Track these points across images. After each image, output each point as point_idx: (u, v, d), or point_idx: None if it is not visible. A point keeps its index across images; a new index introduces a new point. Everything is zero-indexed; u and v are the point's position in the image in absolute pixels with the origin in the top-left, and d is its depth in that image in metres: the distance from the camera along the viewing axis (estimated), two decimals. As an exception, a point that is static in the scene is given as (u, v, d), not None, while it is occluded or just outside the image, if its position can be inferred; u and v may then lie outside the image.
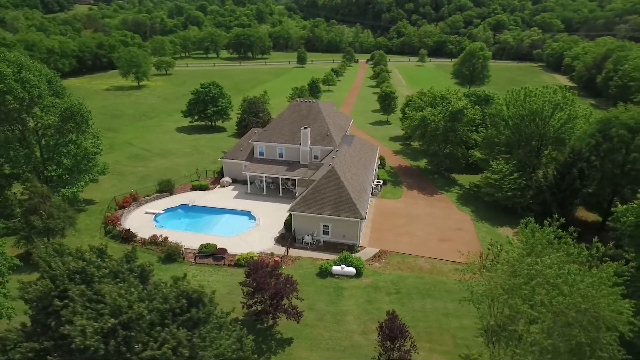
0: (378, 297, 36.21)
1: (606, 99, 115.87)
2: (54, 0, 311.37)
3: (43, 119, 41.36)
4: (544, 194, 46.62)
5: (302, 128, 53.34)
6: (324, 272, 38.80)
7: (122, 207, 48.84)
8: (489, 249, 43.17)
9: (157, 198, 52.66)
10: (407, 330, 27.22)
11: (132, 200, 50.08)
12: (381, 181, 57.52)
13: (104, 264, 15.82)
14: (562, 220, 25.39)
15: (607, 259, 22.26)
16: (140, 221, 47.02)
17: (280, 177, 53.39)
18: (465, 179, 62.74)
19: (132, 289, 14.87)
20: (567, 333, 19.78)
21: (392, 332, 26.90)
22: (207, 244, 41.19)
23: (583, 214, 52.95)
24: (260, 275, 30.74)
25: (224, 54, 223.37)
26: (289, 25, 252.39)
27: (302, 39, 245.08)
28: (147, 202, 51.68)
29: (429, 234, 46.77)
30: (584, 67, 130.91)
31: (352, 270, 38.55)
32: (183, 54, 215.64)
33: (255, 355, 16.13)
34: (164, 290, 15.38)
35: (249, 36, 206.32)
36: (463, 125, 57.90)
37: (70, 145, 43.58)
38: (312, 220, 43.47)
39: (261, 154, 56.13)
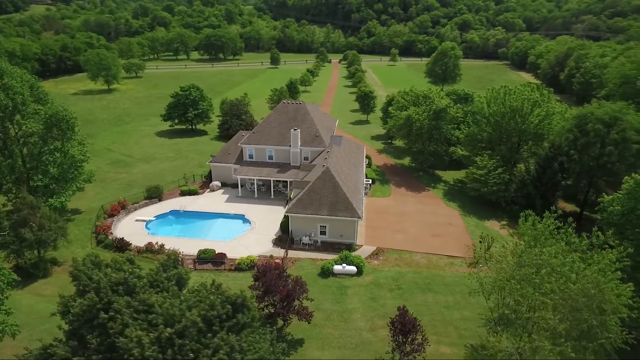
0: (381, 294, 37.03)
1: (570, 95, 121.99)
2: (8, 0, 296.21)
3: (27, 126, 39.67)
4: (527, 187, 48.93)
5: (292, 130, 53.55)
6: (326, 272, 39.28)
7: (111, 215, 47.51)
8: (480, 242, 45.10)
9: (146, 205, 51.53)
10: (419, 324, 28.10)
11: (120, 208, 48.80)
12: (370, 180, 58.50)
13: (144, 274, 15.64)
14: (560, 211, 27.00)
15: (606, 246, 23.85)
16: (131, 229, 45.89)
17: (271, 179, 53.38)
18: (449, 175, 64.74)
19: (178, 298, 14.80)
20: (578, 317, 21.14)
21: (405, 326, 27.69)
22: (206, 250, 40.78)
23: (561, 204, 55.80)
24: (270, 278, 30.85)
25: (195, 55, 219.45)
26: (259, 25, 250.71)
27: (274, 39, 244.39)
28: (136, 209, 50.47)
29: (421, 230, 48.09)
30: (548, 65, 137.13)
31: (353, 269, 39.21)
32: (152, 56, 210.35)
33: (286, 357, 16.34)
34: (211, 297, 15.38)
35: (220, 37, 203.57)
36: (446, 123, 59.73)
37: (55, 153, 41.97)
38: (309, 221, 43.82)
39: (250, 156, 55.90)
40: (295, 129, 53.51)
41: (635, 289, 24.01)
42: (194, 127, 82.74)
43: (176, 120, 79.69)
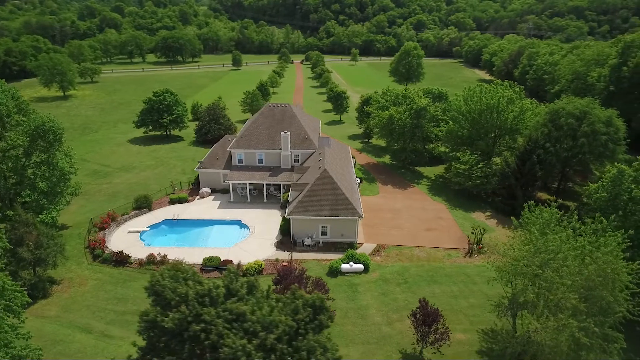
0: (390, 289, 38.43)
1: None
2: None
3: (11, 139, 37.33)
4: (509, 179, 52.27)
5: (282, 133, 53.84)
6: (334, 271, 40.14)
7: (102, 228, 45.69)
8: (472, 233, 47.74)
9: (136, 215, 49.92)
10: (440, 314, 29.68)
11: (111, 221, 47.02)
12: (358, 179, 59.89)
13: (220, 283, 15.74)
14: (560, 200, 29.51)
15: (609, 229, 26.50)
16: (125, 242, 44.38)
17: (264, 183, 53.40)
18: (429, 171, 67.51)
19: (265, 304, 15.10)
20: (596, 295, 23.46)
21: (427, 317, 29.19)
22: (211, 257, 40.37)
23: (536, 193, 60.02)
24: (290, 281, 31.31)
25: (151, 57, 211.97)
26: (217, 26, 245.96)
27: (232, 40, 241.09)
28: (126, 220, 48.79)
29: (415, 225, 50.08)
30: (502, 62, 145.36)
31: (360, 266, 40.36)
32: (104, 59, 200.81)
33: (339, 354, 17.06)
34: (296, 302, 15.75)
35: (178, 39, 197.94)
36: (427, 121, 62.33)
37: (42, 166, 39.76)
38: (311, 222, 44.46)
39: (240, 161, 55.56)
40: (285, 132, 53.83)
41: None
42: (168, 133, 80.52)
43: (150, 127, 77.19)
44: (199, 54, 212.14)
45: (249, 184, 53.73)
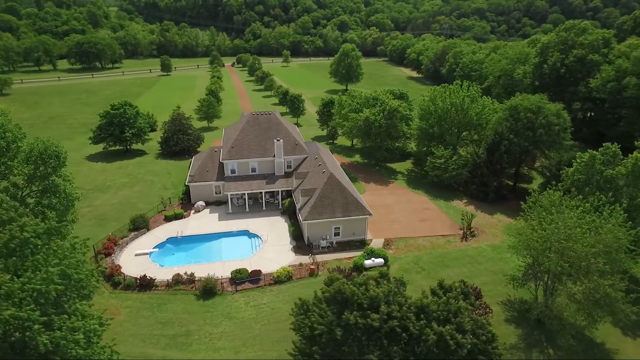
0: (412, 277, 42.06)
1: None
2: None
3: (17, 169, 34.01)
4: (481, 169, 59.11)
5: (275, 140, 54.87)
6: (359, 268, 42.79)
7: (108, 254, 43.17)
8: (462, 219, 53.42)
9: (136, 237, 47.73)
10: (480, 291, 34.04)
11: (114, 245, 44.53)
12: (344, 180, 62.96)
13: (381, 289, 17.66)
14: (560, 186, 35.52)
15: (607, 205, 32.80)
16: (138, 265, 42.53)
17: (263, 191, 54.01)
18: (401, 167, 72.88)
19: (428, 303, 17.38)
20: (614, 258, 29.29)
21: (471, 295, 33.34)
22: (239, 269, 40.63)
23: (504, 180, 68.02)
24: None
25: (63, 64, 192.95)
26: (134, 29, 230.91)
27: (153, 44, 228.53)
28: (127, 243, 46.46)
29: (409, 217, 54.56)
30: (429, 61, 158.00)
31: (381, 260, 43.54)
32: (5, 68, 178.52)
33: None
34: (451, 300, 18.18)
35: (95, 44, 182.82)
36: (399, 121, 67.42)
37: (48, 194, 36.65)
38: (325, 225, 46.58)
39: (233, 171, 55.42)
40: (278, 140, 54.93)
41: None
42: (128, 147, 76.04)
43: (110, 142, 72.37)
44: (120, 59, 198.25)
45: (248, 193, 53.94)
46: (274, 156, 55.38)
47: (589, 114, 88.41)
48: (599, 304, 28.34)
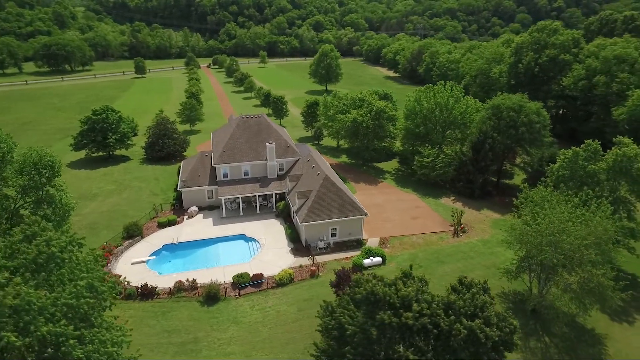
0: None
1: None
2: None
3: (12, 180, 32.97)
4: (467, 166, 61.08)
5: (267, 144, 55.03)
6: (358, 267, 43.62)
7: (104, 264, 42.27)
8: (452, 216, 55.14)
9: (131, 245, 46.98)
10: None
11: (109, 254, 43.72)
12: (335, 180, 63.69)
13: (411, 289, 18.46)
14: (549, 181, 37.46)
15: (594, 199, 34.84)
16: (135, 273, 41.91)
17: (257, 194, 54.07)
18: (387, 166, 74.30)
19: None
20: (603, 249, 31.24)
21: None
22: (241, 274, 40.72)
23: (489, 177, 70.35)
24: (348, 282, 34.23)
25: (29, 67, 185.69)
26: (104, 30, 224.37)
27: (124, 45, 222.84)
28: (122, 252, 45.69)
29: (401, 216, 55.85)
30: (405, 60, 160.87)
31: (379, 259, 44.55)
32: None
33: None
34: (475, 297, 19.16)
35: (64, 45, 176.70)
36: (386, 121, 68.74)
37: (43, 205, 35.71)
38: (322, 226, 47.19)
39: (225, 175, 55.24)
40: (270, 143, 55.11)
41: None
42: (111, 153, 74.29)
43: (93, 149, 70.54)
44: (90, 61, 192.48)
45: (242, 197, 53.89)
46: (266, 159, 55.54)
47: (561, 111, 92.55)
48: (592, 292, 30.20)
